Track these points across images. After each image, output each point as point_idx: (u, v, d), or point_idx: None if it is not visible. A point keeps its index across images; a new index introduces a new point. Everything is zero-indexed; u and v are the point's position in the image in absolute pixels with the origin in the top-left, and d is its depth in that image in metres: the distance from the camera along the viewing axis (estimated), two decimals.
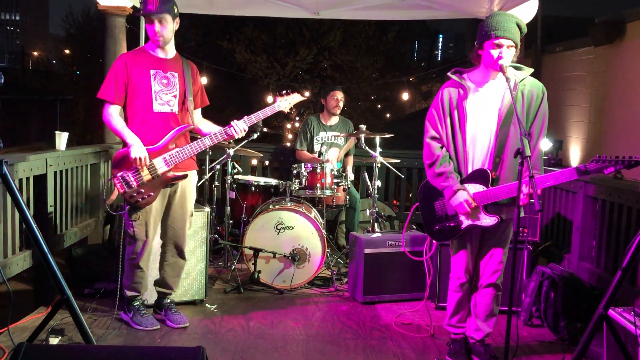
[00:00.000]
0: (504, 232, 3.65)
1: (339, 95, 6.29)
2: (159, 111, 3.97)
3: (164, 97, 3.98)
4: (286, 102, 4.13)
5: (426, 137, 3.64)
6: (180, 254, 4.23)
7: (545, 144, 5.61)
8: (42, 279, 4.50)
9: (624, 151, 8.43)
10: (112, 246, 5.29)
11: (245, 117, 4.06)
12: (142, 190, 3.87)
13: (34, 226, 2.71)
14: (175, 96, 4.02)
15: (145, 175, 3.87)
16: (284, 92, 4.12)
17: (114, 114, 3.91)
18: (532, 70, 3.58)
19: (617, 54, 8.76)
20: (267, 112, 4.06)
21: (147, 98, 3.93)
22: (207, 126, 4.18)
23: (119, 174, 3.86)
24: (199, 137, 4.05)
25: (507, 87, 3.45)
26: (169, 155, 3.93)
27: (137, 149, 3.82)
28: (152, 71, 3.95)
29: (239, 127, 4.02)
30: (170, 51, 4.04)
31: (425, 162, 3.65)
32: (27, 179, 4.31)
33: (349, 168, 6.19)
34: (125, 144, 3.92)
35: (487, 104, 3.52)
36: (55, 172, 4.67)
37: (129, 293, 4.10)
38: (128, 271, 4.08)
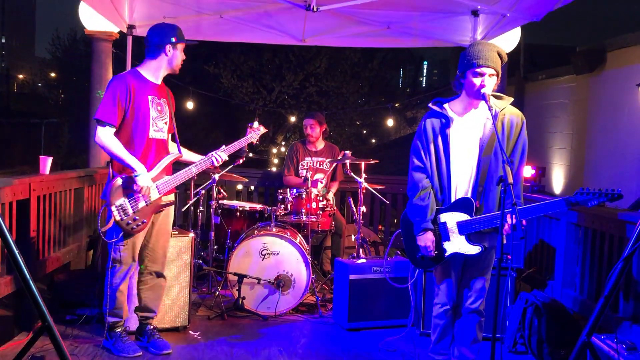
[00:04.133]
0: (487, 259, 3.66)
1: (307, 123, 6.32)
2: (154, 137, 3.99)
3: (159, 123, 4.01)
4: (256, 135, 4.42)
5: (410, 168, 3.68)
6: (161, 275, 4.22)
7: (528, 171, 5.69)
8: (23, 305, 4.44)
9: (605, 178, 8.55)
10: (95, 272, 5.24)
11: (224, 147, 4.23)
12: (137, 218, 3.87)
13: (16, 252, 2.69)
14: (166, 123, 4.07)
15: (142, 203, 3.88)
16: (251, 124, 4.44)
17: (112, 137, 3.85)
18: (511, 99, 3.64)
19: (598, 82, 8.92)
20: (242, 142, 4.34)
21: (146, 124, 3.94)
22: (185, 153, 4.25)
23: (116, 202, 3.83)
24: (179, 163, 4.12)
25: (488, 117, 3.50)
26: (162, 183, 3.97)
27: (145, 179, 3.84)
28: (149, 97, 3.97)
29: (220, 157, 4.18)
30: (161, 78, 4.08)
31: (408, 191, 3.69)
32: (10, 203, 4.27)
33: (331, 192, 6.19)
34: (115, 170, 3.92)
35: (469, 133, 3.56)
36: (38, 197, 4.63)
37: (110, 319, 4.06)
38: (110, 296, 4.04)
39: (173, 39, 3.94)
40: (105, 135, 3.84)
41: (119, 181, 3.86)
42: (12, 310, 4.60)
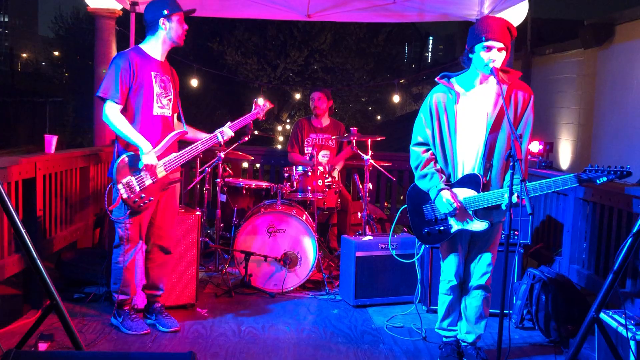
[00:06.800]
0: (493, 235, 3.65)
1: (315, 95, 6.30)
2: (159, 114, 3.96)
3: (163, 100, 3.99)
4: (262, 111, 4.37)
5: (411, 144, 3.66)
6: (168, 252, 4.23)
7: (535, 146, 5.64)
8: (31, 283, 4.46)
9: (613, 153, 8.49)
10: (102, 250, 5.26)
11: (229, 123, 4.21)
12: (144, 195, 3.86)
13: (23, 231, 2.69)
14: (170, 100, 4.04)
15: (148, 180, 3.86)
16: (260, 100, 4.38)
17: (117, 114, 3.81)
18: (520, 73, 3.59)
19: (606, 56, 8.81)
20: (247, 118, 4.30)
21: (149, 100, 3.91)
22: (191, 131, 4.21)
23: (123, 180, 3.82)
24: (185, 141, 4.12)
25: (497, 91, 3.47)
26: (168, 161, 3.95)
27: (151, 157, 3.82)
28: (152, 73, 3.93)
29: (225, 134, 4.17)
30: (164, 54, 4.04)
31: (412, 166, 3.67)
32: (16, 182, 4.27)
33: (337, 168, 6.15)
34: (119, 147, 3.90)
35: (477, 108, 3.52)
36: (44, 176, 4.63)
37: (119, 297, 4.07)
38: (116, 275, 4.05)
39: (165, 12, 3.88)
40: (112, 112, 3.81)
41: (125, 159, 3.84)
42: (21, 289, 4.63)
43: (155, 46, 3.98)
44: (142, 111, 3.89)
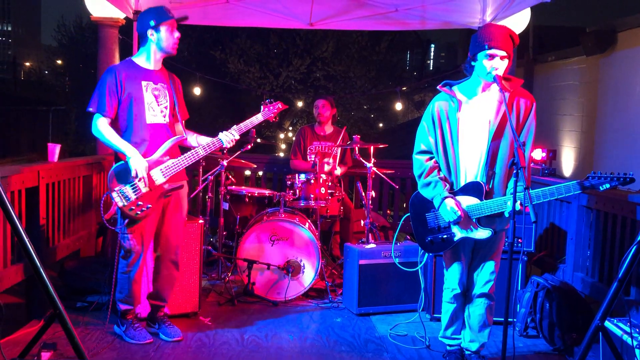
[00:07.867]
0: (496, 242, 3.65)
1: (320, 103, 6.30)
2: (152, 122, 3.96)
3: (156, 108, 3.98)
4: (271, 112, 4.24)
5: (414, 152, 3.66)
6: (175, 265, 4.21)
7: (538, 154, 5.63)
8: (34, 292, 4.45)
9: (615, 161, 8.47)
10: (105, 258, 5.25)
11: (235, 126, 4.13)
12: (141, 203, 3.84)
13: (26, 239, 2.68)
14: (166, 107, 4.03)
15: (144, 187, 3.85)
16: (268, 101, 4.26)
17: (105, 126, 3.86)
18: (521, 81, 3.59)
19: (609, 63, 8.81)
20: (254, 121, 4.17)
21: (141, 110, 3.92)
22: (193, 137, 4.17)
23: (116, 188, 3.81)
24: (188, 148, 4.09)
25: (499, 99, 3.47)
26: (165, 167, 3.92)
27: (137, 161, 3.81)
28: (143, 83, 3.94)
29: (229, 137, 4.08)
30: (158, 63, 4.04)
31: (415, 174, 3.66)
32: (19, 191, 4.27)
33: (336, 173, 6.10)
34: (117, 157, 3.91)
35: (479, 116, 3.52)
36: (47, 184, 4.63)
37: (122, 307, 4.06)
38: (122, 284, 4.04)
39: (152, 22, 3.88)
40: (99, 125, 3.87)
41: (118, 167, 3.85)
42: (23, 298, 4.63)
43: (147, 57, 3.99)
44: (134, 121, 3.92)
